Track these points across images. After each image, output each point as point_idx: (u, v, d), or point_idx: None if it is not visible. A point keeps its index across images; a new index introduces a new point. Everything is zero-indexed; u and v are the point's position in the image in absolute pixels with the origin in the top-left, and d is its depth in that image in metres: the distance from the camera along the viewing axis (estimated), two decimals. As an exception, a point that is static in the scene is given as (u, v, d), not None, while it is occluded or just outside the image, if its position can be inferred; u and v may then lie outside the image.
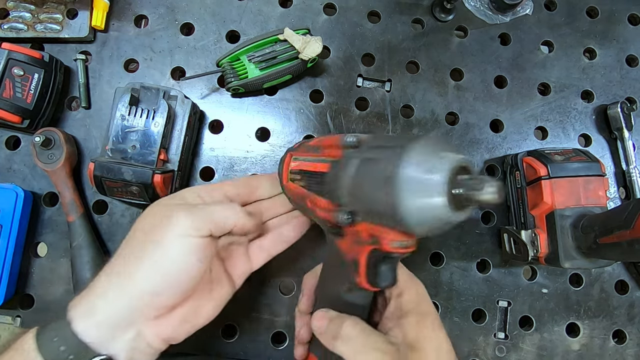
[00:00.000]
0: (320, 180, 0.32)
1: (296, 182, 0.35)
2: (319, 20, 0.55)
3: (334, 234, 0.32)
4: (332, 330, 0.31)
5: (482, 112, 0.54)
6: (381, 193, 0.24)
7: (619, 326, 0.52)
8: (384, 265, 0.30)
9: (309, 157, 0.35)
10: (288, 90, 0.53)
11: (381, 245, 0.28)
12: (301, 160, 0.36)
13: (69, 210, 0.47)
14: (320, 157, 0.33)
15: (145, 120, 0.45)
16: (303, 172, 0.34)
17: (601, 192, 0.44)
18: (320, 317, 0.33)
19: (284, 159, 0.38)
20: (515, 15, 0.56)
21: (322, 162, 0.32)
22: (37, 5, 0.51)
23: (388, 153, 0.25)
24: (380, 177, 0.24)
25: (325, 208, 0.31)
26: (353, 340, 0.30)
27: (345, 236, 0.31)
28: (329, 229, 0.33)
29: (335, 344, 0.31)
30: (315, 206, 0.32)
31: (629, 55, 0.56)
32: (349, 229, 0.30)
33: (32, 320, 0.48)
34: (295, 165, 0.36)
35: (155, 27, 0.53)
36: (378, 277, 0.30)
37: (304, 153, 0.36)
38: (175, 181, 0.47)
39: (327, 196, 0.30)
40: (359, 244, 0.30)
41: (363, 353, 0.30)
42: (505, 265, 0.52)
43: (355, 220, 0.28)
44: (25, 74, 0.46)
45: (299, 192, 0.35)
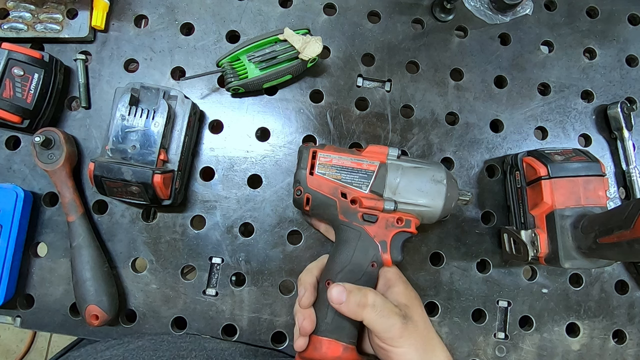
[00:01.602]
0: (366, 175, 0.42)
1: (327, 176, 0.42)
2: (319, 20, 0.55)
3: (365, 220, 0.42)
4: (357, 300, 0.37)
5: (482, 112, 0.54)
6: (431, 189, 0.42)
7: (619, 326, 0.52)
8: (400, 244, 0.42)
9: (346, 156, 0.43)
10: (288, 90, 0.53)
11: (410, 227, 0.42)
12: (335, 157, 0.43)
13: (69, 210, 0.47)
14: (364, 158, 0.43)
15: (145, 120, 0.45)
16: (341, 167, 0.43)
17: (601, 192, 0.44)
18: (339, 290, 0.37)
19: (307, 154, 0.43)
20: (515, 15, 0.56)
21: (367, 162, 0.43)
22: (37, 5, 0.51)
23: (433, 166, 0.43)
24: (432, 179, 0.42)
25: (369, 198, 0.41)
26: (378, 307, 0.37)
27: (376, 222, 0.42)
28: (360, 217, 0.42)
29: (362, 311, 0.37)
30: (350, 196, 0.42)
31: (629, 55, 0.56)
32: (385, 215, 0.42)
33: (32, 320, 0.48)
34: (327, 160, 0.43)
35: (155, 27, 0.53)
36: (397, 253, 0.42)
37: (336, 152, 0.43)
38: (175, 181, 0.47)
39: (373, 189, 0.42)
40: (388, 228, 0.42)
41: (384, 317, 0.37)
42: (505, 265, 0.52)
43: (397, 208, 0.41)
44: (25, 74, 0.46)
45: (330, 184, 0.42)
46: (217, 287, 0.50)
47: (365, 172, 0.42)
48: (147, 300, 0.49)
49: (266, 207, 0.51)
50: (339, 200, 0.42)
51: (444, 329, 0.51)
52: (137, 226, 0.50)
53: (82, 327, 0.49)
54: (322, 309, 0.40)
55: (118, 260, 0.50)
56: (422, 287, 0.51)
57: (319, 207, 0.43)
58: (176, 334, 0.49)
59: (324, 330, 0.39)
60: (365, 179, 0.42)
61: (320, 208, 0.43)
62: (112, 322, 0.47)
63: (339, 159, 0.43)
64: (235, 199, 0.51)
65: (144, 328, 0.49)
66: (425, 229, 0.52)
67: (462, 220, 0.52)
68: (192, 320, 0.49)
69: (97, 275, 0.46)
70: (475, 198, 0.53)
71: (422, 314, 0.40)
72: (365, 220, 0.42)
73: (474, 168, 0.53)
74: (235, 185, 0.51)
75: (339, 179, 0.42)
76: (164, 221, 0.50)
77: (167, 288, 0.49)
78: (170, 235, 0.50)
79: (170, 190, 0.46)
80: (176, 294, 0.49)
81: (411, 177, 0.42)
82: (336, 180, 0.42)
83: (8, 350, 1.26)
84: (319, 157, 0.43)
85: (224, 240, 0.50)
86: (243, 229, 0.51)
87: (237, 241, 0.50)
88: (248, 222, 0.51)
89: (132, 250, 0.50)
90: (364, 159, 0.43)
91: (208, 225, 0.50)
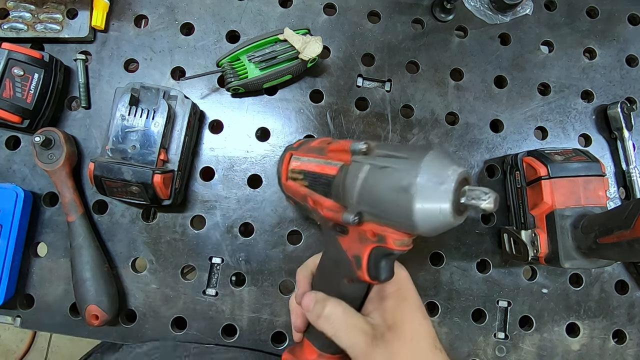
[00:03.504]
0: (326, 182, 0.34)
1: (298, 182, 0.37)
2: (319, 20, 0.55)
3: (337, 231, 0.34)
4: (318, 310, 0.34)
5: (482, 112, 0.54)
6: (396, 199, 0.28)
7: (619, 326, 0.52)
8: (384, 260, 0.32)
9: (313, 159, 0.36)
10: (288, 90, 0.53)
11: (386, 243, 0.31)
12: (304, 160, 0.37)
13: (69, 210, 0.47)
14: (327, 159, 0.35)
15: (145, 120, 0.45)
16: (307, 172, 0.36)
17: (601, 192, 0.44)
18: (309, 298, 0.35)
19: (284, 157, 0.39)
20: (515, 15, 0.56)
21: (329, 164, 0.34)
22: (37, 5, 0.51)
23: (403, 164, 0.28)
24: (397, 185, 0.28)
25: (331, 208, 0.33)
26: (334, 320, 0.33)
27: (349, 234, 0.33)
28: (331, 226, 0.35)
29: (318, 322, 0.33)
30: (318, 205, 0.35)
31: (629, 55, 0.56)
32: (354, 228, 0.32)
33: (32, 320, 0.48)
34: (296, 164, 0.38)
35: (155, 27, 0.53)
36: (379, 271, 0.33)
37: (306, 154, 0.38)
38: (175, 181, 0.47)
39: (334, 197, 0.33)
40: (362, 242, 0.32)
41: (342, 331, 0.32)
42: (505, 265, 0.52)
43: (362, 220, 0.31)
44: (25, 74, 0.46)
45: (300, 191, 0.37)
46: (217, 287, 0.50)
47: (327, 177, 0.34)
48: (147, 300, 0.49)
49: (266, 207, 0.51)
50: (312, 208, 0.37)
51: (444, 329, 0.51)
52: (137, 226, 0.50)
53: (82, 327, 0.49)
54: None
55: (118, 260, 0.50)
56: (422, 287, 0.51)
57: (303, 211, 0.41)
58: (175, 334, 0.49)
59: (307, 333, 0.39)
60: (327, 186, 0.34)
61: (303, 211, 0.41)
62: (112, 322, 0.47)
63: (307, 162, 0.37)
64: (235, 199, 0.51)
65: (144, 328, 0.49)
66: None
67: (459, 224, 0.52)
68: (192, 320, 0.49)
69: (97, 275, 0.46)
70: (475, 198, 0.53)
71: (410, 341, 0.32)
72: (337, 230, 0.34)
73: (474, 168, 0.53)
74: (235, 185, 0.51)
75: (306, 186, 0.37)
76: (164, 221, 0.50)
77: (167, 288, 0.49)
78: (170, 235, 0.50)
79: (170, 190, 0.46)
80: (176, 294, 0.49)
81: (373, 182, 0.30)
82: (305, 187, 0.37)
83: (8, 350, 1.26)
84: (292, 161, 0.39)
85: (224, 240, 0.50)
86: (243, 229, 0.51)
87: (237, 241, 0.50)
88: (248, 222, 0.51)
89: (132, 250, 0.50)
90: (329, 160, 0.35)
91: (208, 225, 0.50)
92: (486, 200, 0.26)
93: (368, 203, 0.30)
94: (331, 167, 0.34)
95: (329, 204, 0.34)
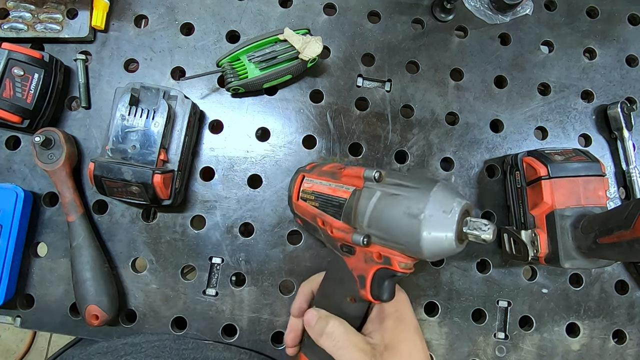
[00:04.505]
0: (338, 204, 0.36)
1: (308, 202, 0.40)
2: (319, 20, 0.55)
3: (344, 251, 0.37)
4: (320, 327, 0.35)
5: (482, 112, 0.54)
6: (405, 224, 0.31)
7: (619, 326, 0.52)
8: (387, 281, 0.35)
9: (325, 182, 0.39)
10: (288, 90, 0.53)
11: (391, 265, 0.34)
12: (316, 182, 0.40)
13: (69, 210, 0.47)
14: (339, 183, 0.37)
15: (145, 120, 0.45)
16: (318, 194, 0.39)
17: (601, 192, 0.44)
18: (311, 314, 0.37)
19: (296, 178, 0.42)
20: (515, 15, 0.56)
21: (342, 188, 0.37)
22: (37, 5, 0.51)
23: (413, 193, 0.32)
24: (407, 212, 0.31)
25: (341, 229, 0.36)
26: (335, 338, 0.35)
27: (355, 254, 0.36)
28: (340, 247, 0.37)
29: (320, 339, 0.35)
30: (327, 225, 0.37)
31: (629, 55, 0.56)
32: (361, 249, 0.35)
33: (32, 320, 0.48)
34: (309, 186, 0.40)
35: (155, 27, 0.53)
36: (381, 291, 0.35)
37: (319, 177, 0.40)
38: (175, 181, 0.47)
39: (344, 219, 0.36)
40: (367, 263, 0.35)
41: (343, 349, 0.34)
42: (505, 265, 0.52)
43: (370, 242, 0.33)
44: (25, 74, 0.46)
45: (310, 211, 0.39)
46: (217, 287, 0.50)
47: (338, 200, 0.37)
48: (147, 300, 0.49)
49: (266, 207, 0.51)
50: (320, 228, 0.39)
51: (444, 329, 0.51)
52: (137, 226, 0.50)
53: (82, 327, 0.49)
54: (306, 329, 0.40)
55: (118, 260, 0.50)
56: (422, 287, 0.51)
57: (310, 230, 0.42)
58: (176, 334, 0.49)
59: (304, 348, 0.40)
60: (339, 207, 0.36)
61: (311, 231, 0.43)
62: (112, 322, 0.47)
63: (319, 184, 0.39)
64: (235, 199, 0.51)
65: (144, 328, 0.49)
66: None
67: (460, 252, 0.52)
68: (192, 320, 0.49)
69: (97, 275, 0.46)
70: (475, 198, 0.53)
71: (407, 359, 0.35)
72: (344, 251, 0.37)
73: (474, 168, 0.53)
74: (235, 185, 0.51)
75: (317, 207, 0.39)
76: (164, 221, 0.50)
77: (167, 288, 0.49)
78: (170, 235, 0.50)
79: (170, 190, 0.46)
80: (176, 294, 0.49)
81: (384, 207, 0.33)
82: (315, 208, 0.39)
83: (8, 350, 1.26)
84: (304, 182, 0.41)
85: (224, 240, 0.50)
86: (243, 229, 0.51)
87: (237, 241, 0.50)
88: (248, 222, 0.51)
89: (132, 250, 0.50)
90: (342, 184, 0.37)
91: (208, 225, 0.50)
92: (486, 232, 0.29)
93: (377, 226, 0.33)
94: (343, 190, 0.36)
95: (338, 225, 0.36)
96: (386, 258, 0.34)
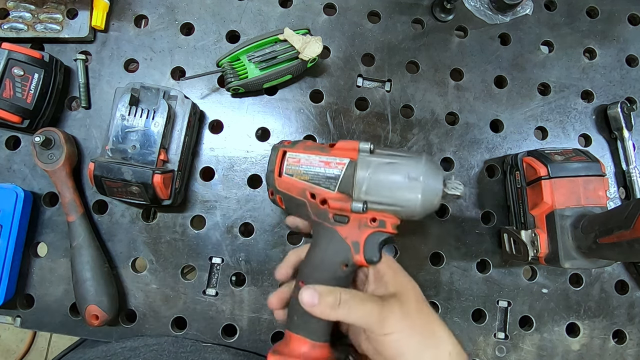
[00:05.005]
0: (333, 176, 0.39)
1: (296, 177, 0.40)
2: (319, 20, 0.55)
3: (336, 221, 0.39)
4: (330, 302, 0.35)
5: (482, 112, 0.54)
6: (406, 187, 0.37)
7: (619, 326, 0.52)
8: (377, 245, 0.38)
9: (315, 155, 0.40)
10: (288, 90, 0.53)
11: (385, 227, 0.38)
12: (304, 157, 0.40)
13: (69, 210, 0.47)
14: (331, 156, 0.39)
15: (145, 120, 0.45)
16: (308, 167, 0.40)
17: (601, 192, 0.44)
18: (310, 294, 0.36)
19: (276, 155, 0.41)
20: (515, 15, 0.56)
21: (336, 160, 0.39)
22: (37, 5, 0.51)
23: (408, 160, 0.37)
24: (407, 176, 0.37)
25: (337, 199, 0.38)
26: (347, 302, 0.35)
27: (348, 223, 0.38)
28: (332, 217, 0.39)
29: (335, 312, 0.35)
30: (318, 198, 0.39)
31: (629, 55, 0.56)
32: (357, 215, 0.38)
33: (32, 320, 0.48)
34: (294, 160, 0.40)
35: (155, 27, 0.53)
36: (373, 254, 0.38)
37: (305, 151, 0.41)
38: (175, 181, 0.47)
39: (341, 189, 0.38)
40: (361, 229, 0.38)
41: (356, 307, 0.35)
42: (505, 265, 0.52)
43: (368, 208, 0.37)
44: (25, 74, 0.46)
45: (298, 186, 0.40)
46: (217, 287, 0.50)
47: (333, 171, 0.39)
48: (147, 300, 0.49)
49: (266, 207, 0.51)
50: (308, 201, 0.40)
51: (444, 329, 0.51)
52: (137, 226, 0.50)
53: (82, 327, 0.49)
54: (294, 306, 0.40)
55: (118, 260, 0.50)
56: (422, 287, 0.50)
57: (292, 207, 0.42)
58: (176, 334, 0.49)
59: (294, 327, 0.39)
60: (333, 179, 0.39)
61: (293, 208, 0.42)
62: (112, 322, 0.47)
63: (307, 158, 0.40)
64: (235, 199, 0.51)
65: (144, 328, 0.49)
66: (425, 229, 0.52)
67: (462, 220, 0.52)
68: (192, 320, 0.49)
69: (97, 275, 0.46)
70: (475, 198, 0.53)
71: (416, 300, 0.37)
72: (336, 220, 0.39)
73: (474, 168, 0.53)
74: (235, 185, 0.51)
75: (306, 180, 0.40)
76: (164, 221, 0.50)
77: (167, 288, 0.49)
78: (170, 235, 0.50)
79: (170, 190, 0.46)
80: (176, 294, 0.49)
81: (382, 175, 0.37)
82: (303, 182, 0.40)
83: (8, 350, 1.26)
84: (287, 157, 0.41)
85: (224, 240, 0.50)
86: (243, 229, 0.51)
87: (237, 241, 0.50)
88: (248, 222, 0.51)
89: (132, 250, 0.50)
90: (333, 156, 0.39)
91: (208, 225, 0.50)
92: (459, 189, 0.38)
93: (377, 192, 0.37)
94: (337, 162, 0.39)
95: (334, 196, 0.38)
96: (381, 221, 0.38)
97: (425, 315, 0.37)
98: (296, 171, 0.40)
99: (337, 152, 0.40)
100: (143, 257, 0.50)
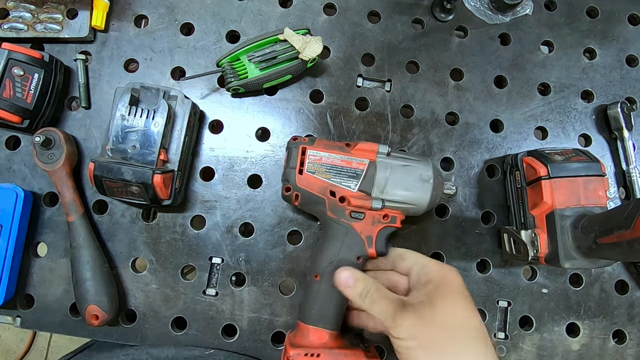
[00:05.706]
0: (354, 175, 0.42)
1: (317, 175, 0.42)
2: (319, 20, 0.55)
3: (352, 217, 0.42)
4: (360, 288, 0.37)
5: (482, 112, 0.54)
6: (419, 187, 0.42)
7: (619, 326, 0.52)
8: (385, 237, 0.43)
9: (336, 154, 0.43)
10: (288, 90, 0.53)
11: (396, 222, 0.43)
12: (325, 155, 0.43)
13: (69, 210, 0.47)
14: (352, 156, 0.43)
15: (145, 120, 0.45)
16: (331, 166, 0.42)
17: (601, 192, 0.44)
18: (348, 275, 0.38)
19: (297, 152, 0.43)
20: (515, 15, 0.56)
21: (357, 160, 0.42)
22: (37, 5, 0.51)
23: (420, 163, 0.43)
24: (420, 178, 0.42)
25: (358, 197, 0.42)
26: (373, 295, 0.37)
27: (364, 219, 0.42)
28: (348, 214, 0.42)
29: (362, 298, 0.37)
30: (338, 194, 0.42)
31: (629, 55, 0.56)
32: (372, 212, 0.42)
33: (32, 320, 0.48)
34: (316, 158, 0.42)
35: (155, 27, 0.53)
36: (383, 246, 0.43)
37: (326, 149, 0.43)
38: (175, 181, 0.47)
39: (360, 188, 0.42)
40: (375, 224, 0.42)
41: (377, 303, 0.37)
42: (505, 265, 0.52)
43: (384, 206, 0.42)
44: (25, 74, 0.46)
45: (319, 183, 0.42)
46: (217, 287, 0.50)
47: (355, 171, 0.42)
48: (147, 300, 0.49)
49: (266, 207, 0.51)
50: (327, 199, 0.42)
51: (444, 329, 0.51)
52: (137, 226, 0.50)
53: (82, 327, 0.49)
54: (310, 299, 0.42)
55: (118, 260, 0.50)
56: (422, 287, 0.51)
57: (308, 204, 0.44)
58: (177, 334, 0.49)
59: (311, 319, 0.41)
60: (354, 178, 0.42)
61: (308, 205, 0.44)
62: (112, 322, 0.47)
63: (328, 157, 0.43)
64: (235, 199, 0.51)
65: (144, 328, 0.49)
66: (425, 229, 0.52)
67: (462, 220, 0.52)
68: (192, 320, 0.49)
69: (97, 275, 0.46)
70: (475, 198, 0.53)
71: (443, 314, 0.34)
72: (352, 217, 0.42)
73: (474, 168, 0.53)
74: (235, 185, 0.51)
75: (328, 178, 0.42)
76: (164, 221, 0.50)
77: (167, 288, 0.49)
78: (170, 235, 0.50)
79: (170, 190, 0.46)
80: (176, 294, 0.49)
81: (399, 176, 0.42)
82: (325, 180, 0.42)
83: (8, 350, 1.26)
84: (308, 155, 0.43)
85: (224, 240, 0.50)
86: (243, 229, 0.51)
87: (237, 241, 0.50)
88: (248, 222, 0.51)
89: (132, 250, 0.50)
90: (354, 157, 0.43)
91: (208, 225, 0.50)
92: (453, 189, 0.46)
93: (393, 192, 0.42)
94: (358, 162, 0.42)
95: (354, 194, 0.42)
96: (393, 217, 0.43)
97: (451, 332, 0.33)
98: (318, 169, 0.42)
99: (357, 153, 0.43)
100: (143, 257, 0.50)
